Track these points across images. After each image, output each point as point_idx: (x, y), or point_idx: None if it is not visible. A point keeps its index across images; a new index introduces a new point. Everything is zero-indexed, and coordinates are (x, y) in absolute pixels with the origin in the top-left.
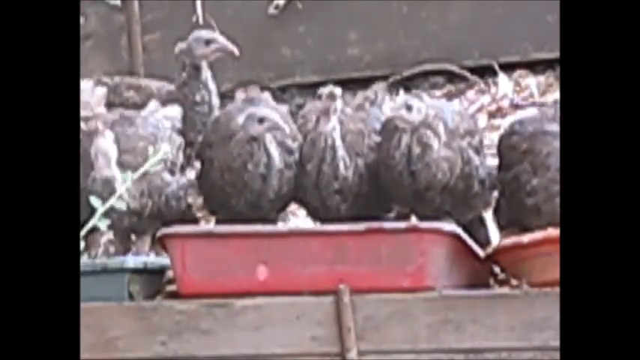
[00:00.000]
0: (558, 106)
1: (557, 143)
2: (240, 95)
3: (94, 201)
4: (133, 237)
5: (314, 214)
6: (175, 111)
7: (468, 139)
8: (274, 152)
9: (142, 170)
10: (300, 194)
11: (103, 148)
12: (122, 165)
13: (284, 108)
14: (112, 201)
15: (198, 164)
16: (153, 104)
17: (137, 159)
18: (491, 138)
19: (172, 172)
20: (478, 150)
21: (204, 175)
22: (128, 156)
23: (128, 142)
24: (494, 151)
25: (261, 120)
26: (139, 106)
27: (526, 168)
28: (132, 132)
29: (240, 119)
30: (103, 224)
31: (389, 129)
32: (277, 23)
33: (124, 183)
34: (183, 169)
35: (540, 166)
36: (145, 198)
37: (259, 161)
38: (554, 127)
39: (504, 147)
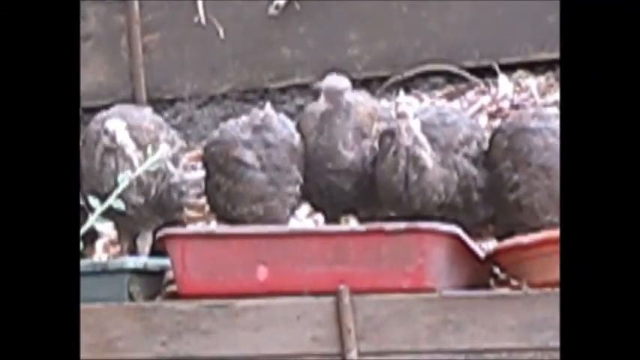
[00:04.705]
0: (539, 105)
1: (537, 140)
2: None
3: (93, 201)
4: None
5: (318, 197)
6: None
7: (465, 149)
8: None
9: (141, 168)
10: (307, 174)
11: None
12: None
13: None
14: (111, 200)
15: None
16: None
17: (142, 135)
18: None
19: (175, 165)
20: (475, 159)
21: (209, 177)
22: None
23: (133, 120)
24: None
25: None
26: None
27: (508, 165)
28: (138, 115)
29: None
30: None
31: (384, 142)
32: (277, 23)
33: (122, 182)
34: (185, 169)
35: (521, 162)
36: (150, 178)
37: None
38: (534, 124)
39: (489, 147)
